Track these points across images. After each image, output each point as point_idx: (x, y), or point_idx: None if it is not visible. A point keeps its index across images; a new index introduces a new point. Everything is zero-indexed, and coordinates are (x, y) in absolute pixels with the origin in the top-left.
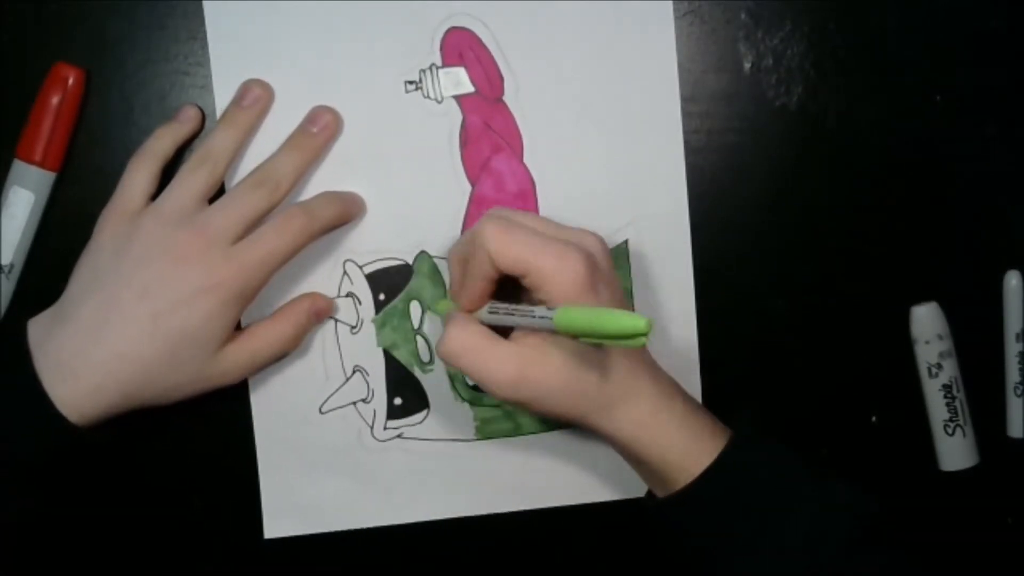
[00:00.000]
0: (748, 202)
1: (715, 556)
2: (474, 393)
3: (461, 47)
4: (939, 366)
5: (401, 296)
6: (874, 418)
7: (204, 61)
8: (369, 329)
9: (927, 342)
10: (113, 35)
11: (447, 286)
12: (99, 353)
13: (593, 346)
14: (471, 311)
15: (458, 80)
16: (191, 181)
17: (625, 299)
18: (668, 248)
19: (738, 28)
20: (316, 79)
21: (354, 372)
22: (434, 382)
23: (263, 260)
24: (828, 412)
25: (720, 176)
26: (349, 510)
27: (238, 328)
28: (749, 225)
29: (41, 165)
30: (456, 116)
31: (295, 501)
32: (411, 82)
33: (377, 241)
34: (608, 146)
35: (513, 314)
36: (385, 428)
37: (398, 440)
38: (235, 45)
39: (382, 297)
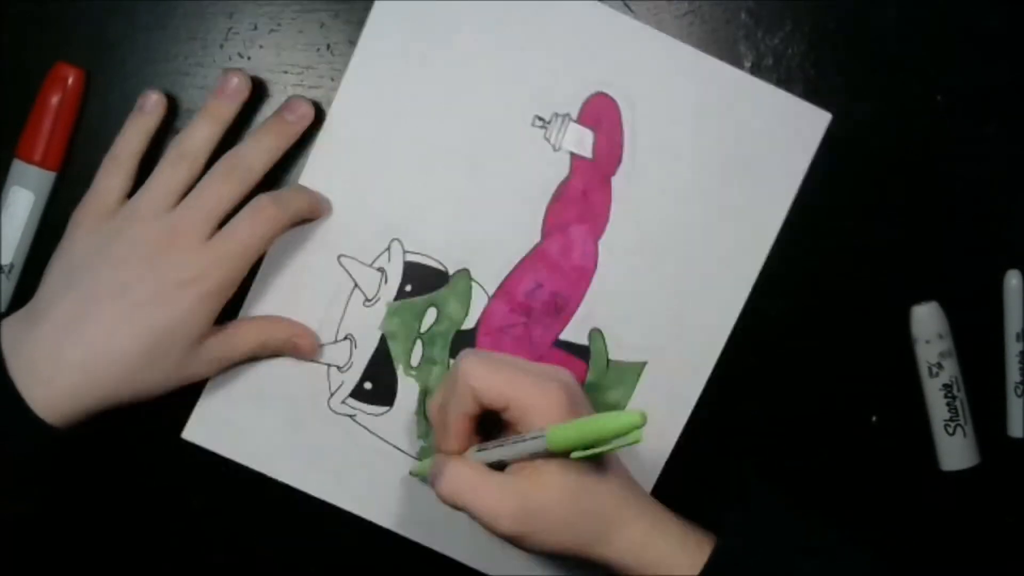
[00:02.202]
0: None
1: None
2: (427, 427)
3: (601, 114)
4: (939, 366)
5: (425, 297)
6: (874, 418)
7: (204, 61)
8: (380, 310)
9: (927, 342)
10: (113, 35)
11: (467, 309)
12: (76, 353)
13: (583, 473)
14: (458, 453)
15: (582, 141)
16: (168, 178)
17: None
18: (681, 381)
19: (738, 28)
20: (454, 83)
21: (345, 338)
22: (408, 390)
23: (239, 253)
24: (828, 412)
25: None
26: (267, 455)
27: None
28: None
29: (41, 165)
30: (562, 170)
31: (226, 419)
32: (541, 119)
33: (431, 238)
34: (682, 268)
35: (503, 445)
36: (344, 402)
37: (348, 420)
38: (385, 43)
39: (408, 288)
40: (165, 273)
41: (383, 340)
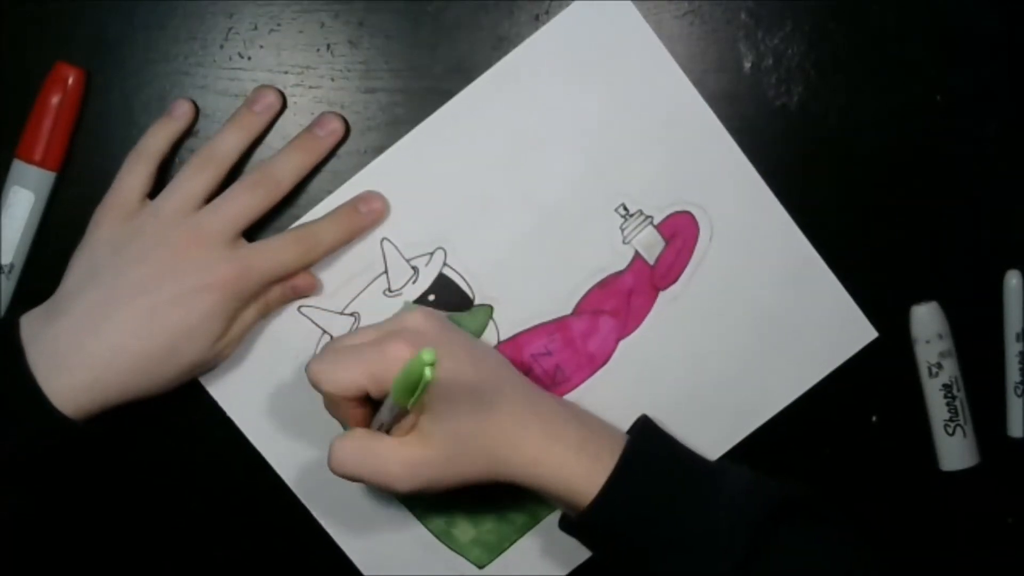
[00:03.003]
0: None
1: (631, 562)
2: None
3: (679, 231)
4: (939, 366)
5: (443, 313)
6: (874, 418)
7: (204, 61)
8: (396, 304)
9: (927, 342)
10: (113, 35)
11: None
12: (96, 346)
13: (452, 409)
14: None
15: (652, 247)
16: (193, 182)
17: (468, 342)
18: None
19: (738, 28)
20: (572, 126)
21: (352, 314)
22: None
23: (264, 270)
24: (828, 412)
25: None
26: (248, 408)
27: None
28: None
29: (41, 165)
30: (619, 263)
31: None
32: (626, 208)
33: (474, 262)
34: (682, 404)
35: (380, 415)
36: None
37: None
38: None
39: (431, 298)
40: (186, 275)
41: None
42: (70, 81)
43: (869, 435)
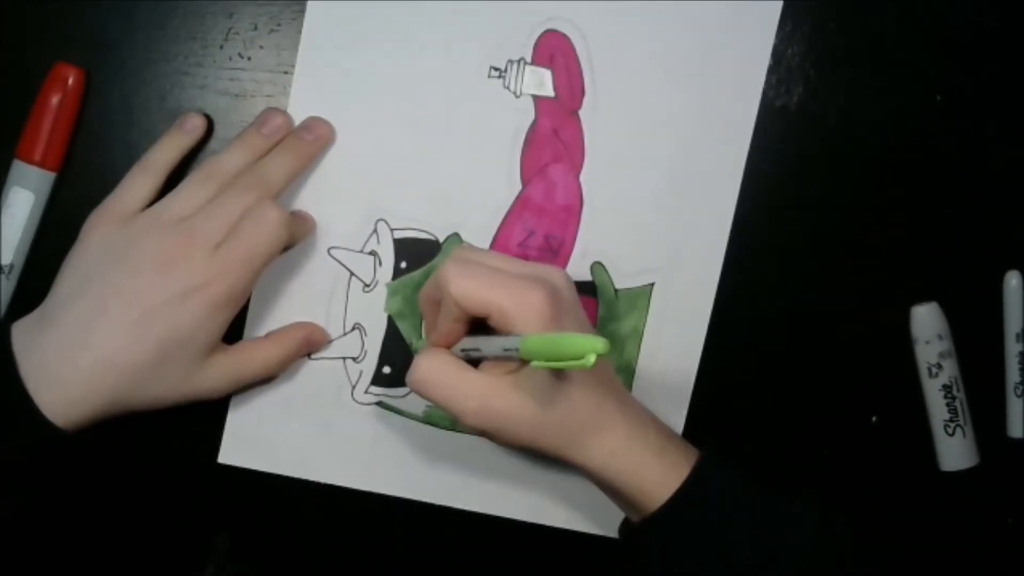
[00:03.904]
0: (748, 202)
1: (687, 571)
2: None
3: (554, 51)
4: (939, 366)
5: (422, 270)
6: (874, 418)
7: (204, 61)
8: (381, 292)
9: (927, 342)
10: (113, 35)
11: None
12: (85, 359)
13: (558, 378)
14: (443, 348)
15: (542, 81)
16: (192, 194)
17: (590, 328)
18: (691, 296)
19: None
20: (404, 51)
21: (353, 328)
22: None
23: (244, 258)
24: (828, 412)
25: None
26: (306, 461)
27: (228, 341)
28: (749, 225)
29: (41, 165)
30: (528, 115)
31: (257, 435)
32: (496, 69)
33: (415, 211)
34: (666, 186)
35: (480, 348)
36: (367, 391)
37: (376, 408)
38: (326, 37)
39: (403, 265)
40: (175, 281)
41: (391, 321)
42: (70, 81)
43: (869, 435)
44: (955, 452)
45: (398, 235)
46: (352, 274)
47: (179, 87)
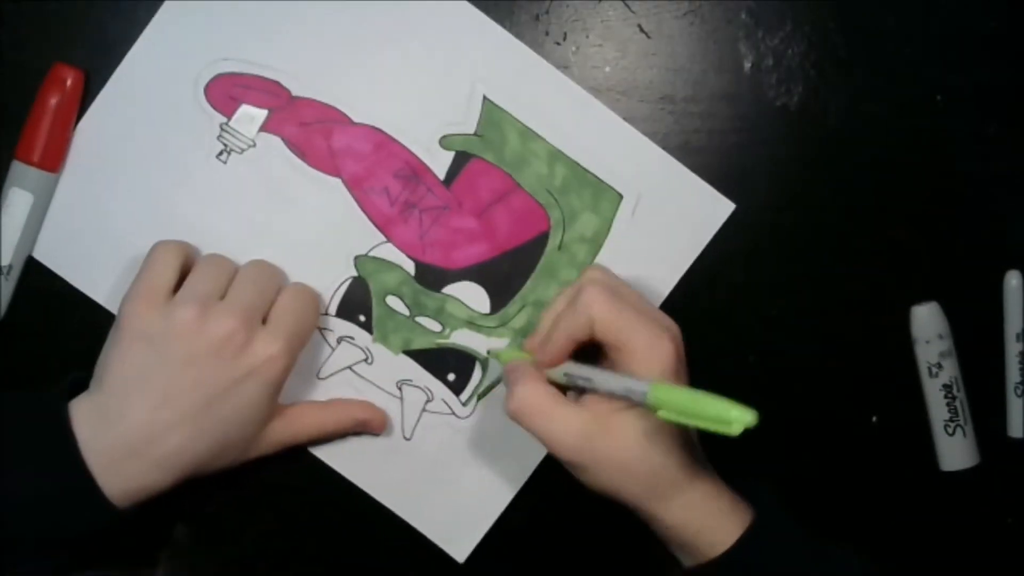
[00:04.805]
0: (748, 202)
1: None
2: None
3: (226, 91)
4: (939, 366)
5: (375, 302)
6: (874, 418)
7: None
8: (385, 355)
9: (927, 342)
10: (113, 35)
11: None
12: (152, 454)
13: (657, 430)
14: (547, 367)
15: (249, 117)
16: (215, 270)
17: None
18: None
19: (738, 28)
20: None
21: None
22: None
23: (296, 332)
24: (828, 412)
25: (720, 176)
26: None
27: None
28: (749, 225)
29: (40, 166)
30: (277, 142)
31: None
32: (220, 153)
33: (316, 272)
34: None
35: (592, 380)
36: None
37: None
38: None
39: (362, 319)
40: (236, 367)
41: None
42: (69, 82)
43: (869, 435)
44: (955, 452)
45: (350, 282)
46: (332, 347)
47: None
